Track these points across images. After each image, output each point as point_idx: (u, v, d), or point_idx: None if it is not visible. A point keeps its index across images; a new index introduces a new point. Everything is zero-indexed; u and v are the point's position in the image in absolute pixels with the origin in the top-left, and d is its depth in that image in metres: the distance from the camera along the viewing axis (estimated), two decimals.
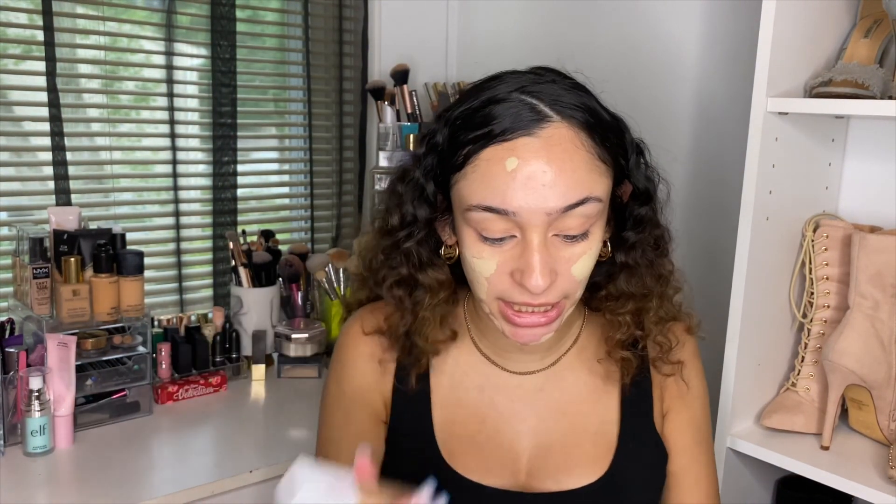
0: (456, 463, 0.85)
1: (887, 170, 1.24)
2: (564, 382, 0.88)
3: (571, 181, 0.72)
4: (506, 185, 0.71)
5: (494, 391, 0.88)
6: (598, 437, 0.87)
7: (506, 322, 0.77)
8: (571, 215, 0.73)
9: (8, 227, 1.56)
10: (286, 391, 1.60)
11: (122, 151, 1.70)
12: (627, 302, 0.85)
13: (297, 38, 1.90)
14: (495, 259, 0.74)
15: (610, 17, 1.66)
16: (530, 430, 0.87)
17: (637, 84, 1.60)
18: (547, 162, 0.71)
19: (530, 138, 0.72)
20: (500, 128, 0.73)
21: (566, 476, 0.85)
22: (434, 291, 0.84)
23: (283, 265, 1.75)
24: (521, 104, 0.74)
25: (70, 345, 1.31)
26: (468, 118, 0.76)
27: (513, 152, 0.72)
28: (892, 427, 1.14)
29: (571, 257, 0.75)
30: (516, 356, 0.87)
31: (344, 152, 1.98)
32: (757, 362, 1.20)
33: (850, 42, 1.16)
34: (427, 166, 0.80)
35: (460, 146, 0.75)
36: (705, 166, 1.53)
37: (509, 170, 0.71)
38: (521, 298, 0.75)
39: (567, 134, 0.73)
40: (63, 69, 1.56)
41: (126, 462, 1.26)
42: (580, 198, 0.72)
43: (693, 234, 1.54)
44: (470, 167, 0.74)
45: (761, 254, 1.15)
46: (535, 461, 0.86)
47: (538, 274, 0.72)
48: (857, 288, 1.12)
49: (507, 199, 0.71)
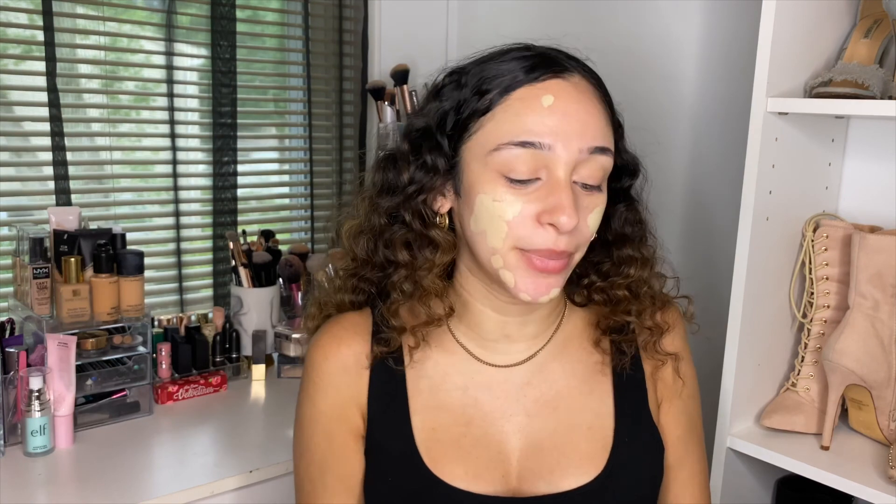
0: (442, 471, 0.81)
1: (887, 170, 1.25)
2: (552, 374, 0.86)
3: (599, 125, 0.76)
4: (543, 118, 0.73)
5: (478, 389, 0.85)
6: (592, 432, 0.84)
7: (523, 269, 0.76)
8: (593, 162, 0.75)
9: (8, 227, 1.56)
10: (286, 391, 1.60)
11: (122, 151, 1.70)
12: (620, 268, 0.86)
13: (297, 38, 1.90)
14: (519, 202, 0.74)
15: (610, 16, 1.66)
16: (519, 429, 0.84)
17: (637, 84, 1.60)
18: (579, 102, 0.75)
19: (562, 81, 0.75)
20: (531, 69, 0.75)
21: (560, 477, 0.82)
22: (444, 249, 0.82)
23: (283, 265, 1.75)
24: (544, 55, 0.77)
25: (70, 345, 1.31)
26: (492, 67, 0.77)
27: (547, 91, 0.74)
28: (892, 427, 1.14)
29: (588, 207, 0.76)
30: (502, 346, 0.85)
31: (344, 152, 1.98)
32: (757, 362, 1.20)
33: (850, 42, 1.16)
34: (439, 116, 0.80)
35: (486, 90, 0.76)
36: (705, 167, 1.53)
37: (546, 105, 0.74)
38: (542, 243, 0.74)
39: (589, 86, 0.78)
40: (63, 69, 1.56)
41: (126, 462, 1.26)
42: (604, 144, 0.76)
43: (693, 234, 1.54)
44: (500, 108, 0.75)
45: (761, 254, 1.15)
46: (526, 462, 0.83)
47: (570, 210, 0.72)
48: (857, 288, 1.12)
49: (546, 132, 0.73)
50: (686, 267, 0.94)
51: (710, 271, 1.45)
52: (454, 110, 0.79)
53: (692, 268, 1.48)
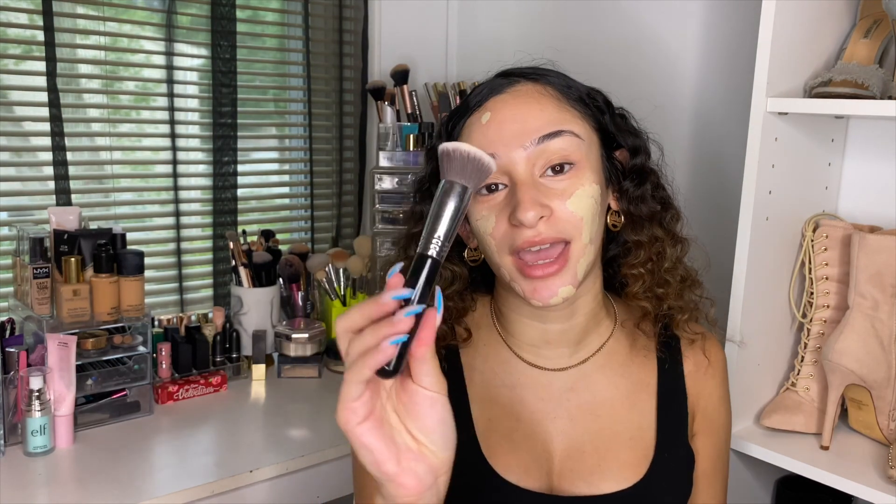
0: (497, 463, 0.83)
1: (887, 170, 1.25)
2: (595, 384, 0.87)
3: (542, 117, 0.79)
4: (483, 134, 0.79)
5: (524, 389, 0.87)
6: (633, 442, 0.86)
7: (523, 278, 0.78)
8: (550, 147, 0.77)
9: (8, 227, 1.56)
10: (286, 391, 1.60)
11: (123, 151, 1.70)
12: (639, 252, 0.87)
13: (297, 38, 1.90)
14: (493, 213, 0.78)
15: (610, 16, 1.66)
16: (561, 431, 0.86)
17: (637, 84, 1.60)
18: (515, 107, 0.79)
19: (500, 96, 0.81)
20: (476, 99, 0.82)
21: (599, 480, 0.84)
22: (448, 280, 0.87)
23: (284, 265, 1.75)
24: (496, 79, 0.83)
25: (70, 345, 1.31)
26: (457, 109, 0.85)
27: (486, 110, 0.80)
28: (892, 427, 1.14)
29: (563, 192, 0.77)
30: (545, 351, 0.87)
31: (344, 152, 1.98)
32: (757, 362, 1.20)
33: (850, 42, 1.16)
34: (430, 168, 0.88)
35: (451, 130, 0.84)
36: (705, 166, 1.53)
37: (483, 122, 0.80)
38: (521, 239, 0.76)
39: (534, 87, 0.81)
40: (63, 69, 1.56)
41: (126, 462, 1.26)
42: (553, 129, 0.78)
43: (693, 234, 1.54)
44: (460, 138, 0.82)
45: (761, 254, 1.15)
46: (567, 463, 0.85)
47: (526, 204, 0.75)
48: (856, 288, 1.12)
49: (485, 144, 0.78)
50: None
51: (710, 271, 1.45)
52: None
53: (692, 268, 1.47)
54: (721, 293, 1.19)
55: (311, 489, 1.34)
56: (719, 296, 1.20)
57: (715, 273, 1.40)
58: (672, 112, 1.56)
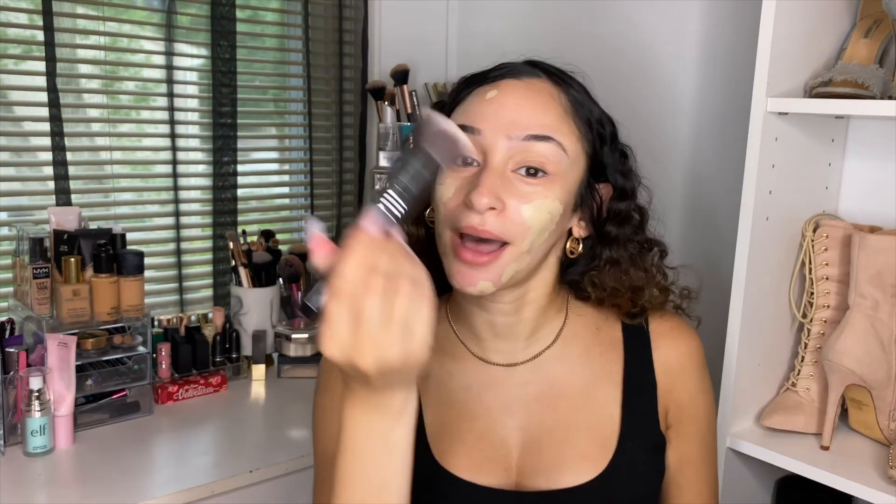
0: (447, 462, 0.84)
1: (887, 170, 1.25)
2: (552, 376, 0.87)
3: (540, 117, 0.78)
4: (480, 108, 0.79)
5: (481, 388, 0.87)
6: (593, 432, 0.85)
7: (454, 257, 0.78)
8: (533, 149, 0.77)
9: (8, 227, 1.56)
10: (286, 391, 1.60)
11: (123, 151, 1.70)
12: (618, 297, 0.87)
13: (297, 38, 1.90)
14: (455, 184, 0.78)
15: (610, 16, 1.66)
16: (519, 426, 0.86)
17: (637, 84, 1.60)
18: (524, 97, 0.79)
19: (515, 80, 0.81)
20: (494, 74, 0.82)
21: (559, 474, 0.84)
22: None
23: (283, 265, 1.75)
24: (522, 65, 0.83)
25: (70, 345, 1.31)
26: (474, 76, 0.83)
27: (496, 87, 0.80)
28: (892, 427, 1.14)
29: (526, 196, 0.77)
30: (497, 345, 0.87)
31: (344, 152, 1.98)
32: (757, 362, 1.20)
33: (850, 42, 1.16)
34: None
35: (459, 93, 0.83)
36: (705, 166, 1.53)
37: (487, 97, 0.80)
38: (465, 221, 0.76)
39: (549, 87, 0.81)
40: (63, 69, 1.56)
41: (126, 462, 1.26)
42: (545, 133, 0.78)
43: (693, 234, 1.54)
44: (459, 106, 0.82)
45: (761, 254, 1.15)
46: (527, 458, 0.85)
47: (483, 189, 0.75)
48: (856, 288, 1.12)
49: (478, 118, 0.78)
50: (686, 267, 0.94)
51: (710, 271, 1.45)
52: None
53: (692, 268, 1.47)
54: (721, 293, 1.19)
55: (311, 489, 1.34)
56: (719, 296, 1.20)
57: (715, 273, 1.40)
58: (672, 112, 1.56)
